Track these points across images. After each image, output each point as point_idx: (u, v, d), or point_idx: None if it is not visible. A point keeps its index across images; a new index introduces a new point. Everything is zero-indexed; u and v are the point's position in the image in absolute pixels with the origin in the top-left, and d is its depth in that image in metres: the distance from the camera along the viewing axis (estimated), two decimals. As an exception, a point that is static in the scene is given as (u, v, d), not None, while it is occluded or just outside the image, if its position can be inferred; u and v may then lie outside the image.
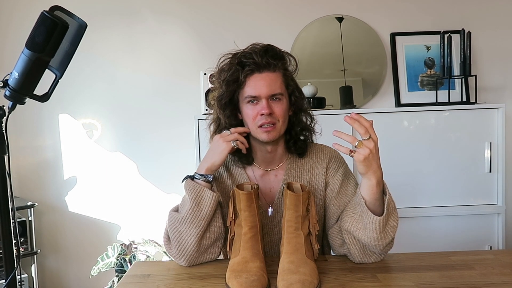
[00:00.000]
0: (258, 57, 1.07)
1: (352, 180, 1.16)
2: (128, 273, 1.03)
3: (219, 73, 1.13)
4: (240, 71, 1.08)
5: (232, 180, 1.17)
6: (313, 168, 1.17)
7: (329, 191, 1.15)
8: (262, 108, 1.07)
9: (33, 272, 2.18)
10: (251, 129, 1.11)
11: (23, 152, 2.31)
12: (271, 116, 1.08)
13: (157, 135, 2.34)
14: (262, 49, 1.08)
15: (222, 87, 1.11)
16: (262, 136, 1.09)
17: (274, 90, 1.08)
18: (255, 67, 1.07)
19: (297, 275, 0.86)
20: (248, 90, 1.08)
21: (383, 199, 0.97)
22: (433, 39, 2.24)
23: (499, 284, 0.89)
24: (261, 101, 1.08)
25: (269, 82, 1.08)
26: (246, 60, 1.07)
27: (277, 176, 1.18)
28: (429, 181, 2.03)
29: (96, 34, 2.26)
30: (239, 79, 1.08)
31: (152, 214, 2.35)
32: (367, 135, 0.92)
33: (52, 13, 0.84)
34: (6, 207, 0.91)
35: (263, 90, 1.07)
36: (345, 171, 1.17)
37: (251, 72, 1.08)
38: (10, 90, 0.88)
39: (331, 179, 1.15)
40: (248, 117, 1.10)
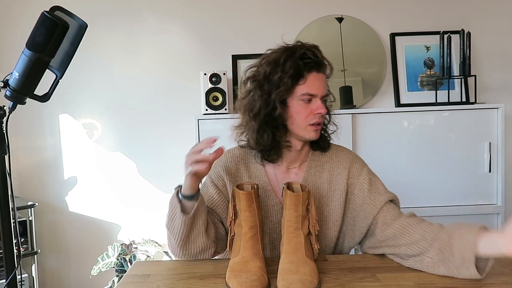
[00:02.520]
0: (319, 54, 1.08)
1: (378, 179, 1.15)
2: (128, 273, 1.03)
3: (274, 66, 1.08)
4: (301, 65, 1.06)
5: (249, 176, 1.16)
6: (333, 168, 1.16)
7: (358, 191, 1.12)
8: (318, 108, 1.07)
9: (34, 272, 2.18)
10: (298, 126, 1.09)
11: (24, 152, 2.31)
12: (323, 116, 1.10)
13: (157, 135, 2.34)
14: (314, 47, 1.09)
15: (284, 82, 1.06)
16: (310, 134, 1.10)
17: (326, 91, 1.11)
18: (316, 65, 1.08)
19: (297, 275, 0.86)
20: (307, 88, 1.07)
21: None
22: (433, 39, 2.25)
23: (499, 284, 0.89)
24: (315, 101, 1.08)
25: (324, 83, 1.10)
26: (308, 55, 1.06)
27: (297, 175, 1.17)
28: (429, 181, 2.04)
29: (96, 34, 2.26)
30: (302, 73, 1.06)
31: (152, 214, 2.36)
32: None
33: (53, 13, 0.85)
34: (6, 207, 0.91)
35: (321, 89, 1.08)
36: (368, 170, 1.16)
37: (311, 69, 1.07)
38: (11, 90, 0.88)
39: (357, 179, 1.14)
40: (299, 114, 1.08)
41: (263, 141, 1.10)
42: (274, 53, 1.11)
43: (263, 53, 1.15)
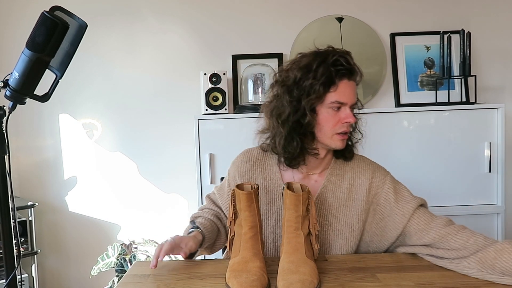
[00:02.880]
0: (350, 61, 1.06)
1: (403, 186, 1.13)
2: (128, 273, 1.03)
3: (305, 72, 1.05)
4: (334, 72, 1.03)
5: (263, 178, 1.16)
6: (354, 178, 1.14)
7: (383, 201, 1.10)
8: (347, 116, 1.05)
9: (34, 272, 2.18)
10: (325, 134, 1.07)
11: (24, 152, 2.31)
12: (350, 125, 1.09)
13: (157, 135, 2.34)
14: (346, 53, 1.07)
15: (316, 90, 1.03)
16: (337, 143, 1.08)
17: (355, 100, 1.08)
18: (348, 72, 1.05)
19: (297, 275, 0.86)
20: (338, 96, 1.05)
21: None
22: (433, 39, 2.25)
23: (499, 284, 0.89)
24: (344, 109, 1.06)
25: (354, 91, 1.08)
26: (340, 62, 1.04)
27: (317, 182, 1.15)
28: (429, 181, 2.04)
29: (96, 34, 2.26)
30: (334, 80, 1.04)
31: (152, 214, 2.36)
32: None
33: (53, 13, 0.85)
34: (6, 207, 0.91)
35: (351, 98, 1.06)
36: (392, 178, 1.14)
37: (343, 76, 1.05)
38: (11, 90, 0.88)
39: (381, 189, 1.12)
40: (327, 122, 1.06)
41: (292, 148, 1.08)
42: (305, 58, 1.08)
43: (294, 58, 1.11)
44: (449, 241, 0.97)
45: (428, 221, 1.04)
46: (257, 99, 2.18)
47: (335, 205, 1.13)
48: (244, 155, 1.21)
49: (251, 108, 2.09)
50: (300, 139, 1.07)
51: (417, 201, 1.09)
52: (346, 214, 1.12)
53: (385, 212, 1.11)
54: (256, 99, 2.18)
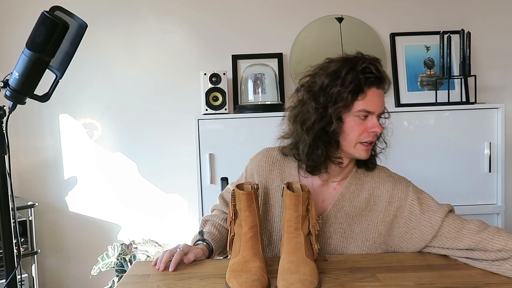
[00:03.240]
0: (381, 70, 1.03)
1: (426, 194, 1.11)
2: (128, 273, 1.03)
3: (333, 79, 1.02)
4: (363, 80, 1.00)
5: (281, 180, 1.14)
6: (374, 188, 1.12)
7: (408, 213, 1.08)
8: (374, 126, 1.03)
9: (34, 272, 2.18)
10: (349, 142, 1.04)
11: (24, 152, 2.31)
12: (376, 135, 1.06)
13: (157, 135, 2.34)
14: (376, 60, 1.05)
15: (341, 95, 1.01)
16: (361, 153, 1.05)
17: (383, 109, 1.06)
18: (377, 80, 1.02)
19: (297, 275, 0.86)
20: (366, 105, 1.01)
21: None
22: (433, 39, 2.25)
23: (499, 284, 0.89)
24: (372, 118, 1.03)
25: (382, 100, 1.05)
26: (370, 69, 1.01)
27: (335, 190, 1.13)
28: (429, 181, 2.03)
29: (96, 34, 2.26)
30: (363, 88, 1.01)
31: (152, 214, 2.36)
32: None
33: (53, 13, 0.85)
34: (6, 207, 0.91)
35: (379, 107, 1.04)
36: (414, 189, 1.12)
37: (371, 84, 1.02)
38: (11, 90, 0.89)
39: (405, 201, 1.09)
40: (353, 130, 1.03)
41: (316, 156, 1.05)
42: (333, 64, 1.05)
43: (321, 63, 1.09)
44: (486, 246, 0.95)
45: (460, 228, 1.01)
46: (257, 99, 2.18)
47: (352, 213, 1.11)
48: (263, 154, 1.19)
49: (251, 108, 2.09)
50: (325, 147, 1.04)
51: (444, 209, 1.06)
52: (361, 223, 1.11)
53: (410, 224, 1.08)
54: (256, 99, 2.18)
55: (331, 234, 1.12)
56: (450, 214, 1.06)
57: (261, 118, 2.02)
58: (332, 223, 1.11)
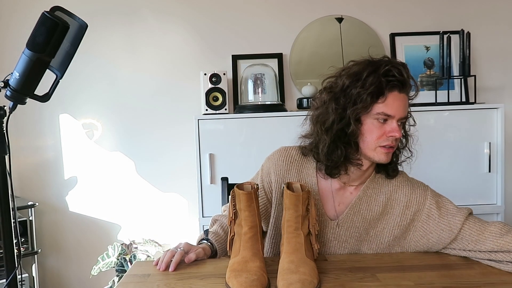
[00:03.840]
0: (404, 74, 1.01)
1: (444, 198, 1.10)
2: (128, 272, 1.03)
3: (353, 80, 1.02)
4: (384, 83, 0.99)
5: (298, 180, 1.13)
6: (391, 193, 1.11)
7: (426, 217, 1.07)
8: (393, 130, 1.01)
9: (34, 272, 2.18)
10: (368, 145, 1.03)
11: (24, 152, 2.31)
12: (396, 139, 1.04)
13: (157, 135, 2.34)
14: (400, 64, 1.03)
15: (360, 97, 1.00)
16: (381, 157, 1.04)
17: (405, 114, 1.04)
18: (399, 84, 1.01)
19: (297, 275, 0.86)
20: (385, 108, 1.00)
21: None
22: (433, 40, 2.25)
23: (499, 284, 0.89)
24: (391, 122, 1.01)
25: (405, 104, 1.03)
26: (392, 73, 1.00)
27: (352, 194, 1.13)
28: (429, 181, 2.02)
29: (96, 34, 2.26)
30: (383, 91, 1.00)
31: (152, 214, 2.36)
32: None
33: (53, 13, 0.85)
34: (7, 206, 0.91)
35: (400, 111, 1.01)
36: (432, 193, 1.11)
37: (393, 88, 1.00)
38: (11, 90, 0.89)
39: (423, 205, 1.08)
40: (371, 133, 1.02)
41: (335, 157, 1.04)
42: (356, 66, 1.05)
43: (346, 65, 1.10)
44: (510, 249, 0.95)
45: (482, 230, 1.01)
46: (257, 99, 2.18)
47: (368, 217, 1.10)
48: (281, 153, 1.17)
49: (251, 108, 2.09)
50: (344, 148, 1.04)
51: (463, 213, 1.05)
52: (377, 226, 1.11)
53: (427, 228, 1.07)
54: (256, 99, 2.18)
55: (347, 238, 1.11)
56: (470, 217, 1.05)
57: (261, 118, 2.02)
58: (348, 227, 1.11)
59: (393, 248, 1.12)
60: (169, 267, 1.00)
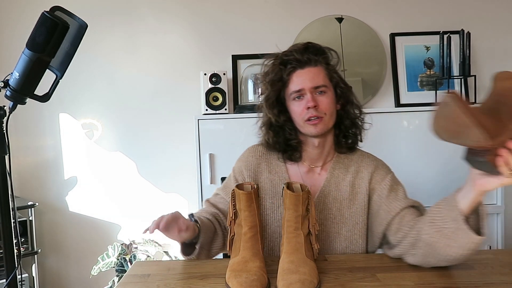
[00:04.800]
0: (298, 54, 1.10)
1: (401, 187, 1.14)
2: (128, 272, 1.03)
3: (264, 76, 1.16)
4: (283, 69, 1.11)
5: (271, 179, 1.17)
6: (357, 172, 1.15)
7: (376, 197, 1.12)
8: (307, 102, 1.08)
9: (34, 272, 2.18)
10: (298, 124, 1.13)
11: (24, 152, 2.31)
12: (317, 109, 1.09)
13: (158, 135, 2.34)
14: (302, 46, 1.12)
15: (268, 88, 1.15)
16: (310, 129, 1.10)
17: (317, 83, 1.10)
18: (297, 64, 1.10)
19: (297, 275, 0.86)
20: (292, 86, 1.11)
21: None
22: (433, 40, 2.25)
23: (499, 284, 0.89)
24: (306, 96, 1.10)
25: (312, 76, 1.10)
26: (288, 58, 1.11)
27: (320, 175, 1.18)
28: (429, 181, 2.04)
29: (96, 34, 2.26)
30: (283, 77, 1.12)
31: (152, 214, 2.35)
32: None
33: (53, 13, 0.85)
34: (6, 206, 0.91)
35: (307, 83, 1.09)
36: (393, 178, 1.15)
37: (293, 69, 1.11)
38: (11, 90, 0.89)
39: (378, 185, 1.13)
40: (295, 113, 1.12)
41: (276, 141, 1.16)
42: (266, 67, 1.17)
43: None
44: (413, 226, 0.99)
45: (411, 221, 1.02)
46: (257, 99, 2.18)
47: (339, 198, 1.14)
48: (250, 150, 1.25)
49: (251, 108, 2.09)
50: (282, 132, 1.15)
51: (408, 202, 1.08)
52: (350, 207, 1.14)
53: (375, 207, 1.12)
54: (256, 99, 2.18)
55: (322, 221, 1.14)
56: (412, 208, 1.08)
57: (261, 118, 2.02)
58: (322, 209, 1.14)
59: (372, 229, 1.13)
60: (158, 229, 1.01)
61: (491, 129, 0.76)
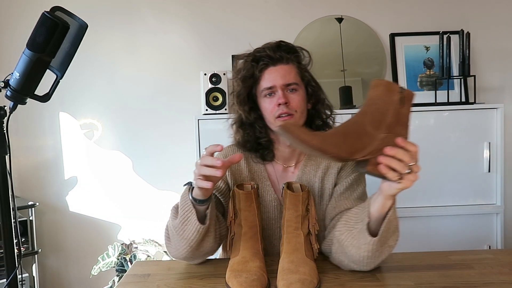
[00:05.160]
0: (271, 51, 1.11)
1: (361, 189, 1.12)
2: (128, 272, 1.03)
3: (236, 73, 1.17)
4: (255, 66, 1.11)
5: (251, 177, 1.17)
6: (327, 168, 1.15)
7: (334, 191, 1.13)
8: (278, 98, 1.08)
9: (34, 272, 2.18)
10: (269, 121, 1.12)
11: (24, 152, 2.31)
12: (288, 106, 1.08)
13: (158, 135, 2.34)
14: (274, 44, 1.13)
15: (239, 85, 1.15)
16: None
17: (289, 80, 1.10)
18: (269, 61, 1.11)
19: (297, 275, 0.87)
20: (264, 83, 1.11)
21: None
22: (432, 40, 2.25)
23: (498, 284, 0.89)
24: (277, 93, 1.10)
25: (284, 73, 1.10)
26: (260, 55, 1.11)
27: (293, 173, 1.18)
28: (428, 181, 2.04)
29: (96, 34, 2.26)
30: (254, 74, 1.12)
31: (152, 214, 2.36)
32: (414, 160, 0.82)
33: (53, 13, 0.85)
34: (7, 206, 0.91)
35: (278, 80, 1.09)
36: (357, 178, 1.13)
37: (265, 66, 1.11)
38: (11, 91, 0.89)
39: (341, 181, 1.13)
40: (266, 110, 1.12)
41: (247, 140, 1.16)
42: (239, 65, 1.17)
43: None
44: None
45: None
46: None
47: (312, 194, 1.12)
48: (227, 150, 1.23)
49: (251, 108, 2.09)
50: (253, 131, 1.15)
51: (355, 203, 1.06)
52: (320, 203, 1.13)
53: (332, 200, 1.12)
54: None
55: None
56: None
57: (261, 118, 2.02)
58: None
59: None
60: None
61: (344, 146, 0.78)
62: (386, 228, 0.87)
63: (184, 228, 0.95)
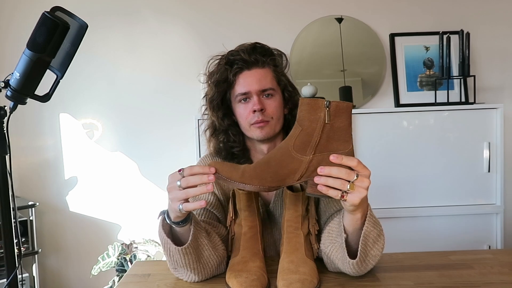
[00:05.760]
0: (245, 54, 1.05)
1: None
2: (128, 272, 1.03)
3: (209, 76, 1.11)
4: (229, 70, 1.06)
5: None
6: None
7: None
8: (253, 105, 1.04)
9: (34, 272, 2.18)
10: (244, 128, 1.08)
11: (24, 152, 2.31)
12: (264, 113, 1.04)
13: (158, 135, 2.34)
14: (249, 46, 1.07)
15: (212, 89, 1.09)
16: (255, 133, 1.06)
17: (265, 85, 1.05)
18: (244, 65, 1.05)
19: (297, 275, 0.86)
20: (238, 88, 1.06)
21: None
22: (432, 40, 2.25)
23: (498, 284, 0.89)
24: (252, 98, 1.05)
25: (259, 78, 1.05)
26: (234, 58, 1.06)
27: None
28: (428, 181, 2.04)
29: (96, 34, 2.27)
30: (228, 78, 1.06)
31: (152, 213, 2.36)
32: (353, 175, 0.76)
33: (53, 13, 0.85)
34: (7, 206, 0.91)
35: (253, 86, 1.04)
36: None
37: (240, 70, 1.06)
38: (12, 91, 0.89)
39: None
40: (241, 116, 1.07)
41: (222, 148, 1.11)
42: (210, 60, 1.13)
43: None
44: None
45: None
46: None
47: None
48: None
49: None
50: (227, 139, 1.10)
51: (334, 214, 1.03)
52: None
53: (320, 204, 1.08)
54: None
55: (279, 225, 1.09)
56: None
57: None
58: (281, 212, 1.07)
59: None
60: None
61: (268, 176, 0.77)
62: (364, 244, 0.84)
63: (175, 259, 0.90)
